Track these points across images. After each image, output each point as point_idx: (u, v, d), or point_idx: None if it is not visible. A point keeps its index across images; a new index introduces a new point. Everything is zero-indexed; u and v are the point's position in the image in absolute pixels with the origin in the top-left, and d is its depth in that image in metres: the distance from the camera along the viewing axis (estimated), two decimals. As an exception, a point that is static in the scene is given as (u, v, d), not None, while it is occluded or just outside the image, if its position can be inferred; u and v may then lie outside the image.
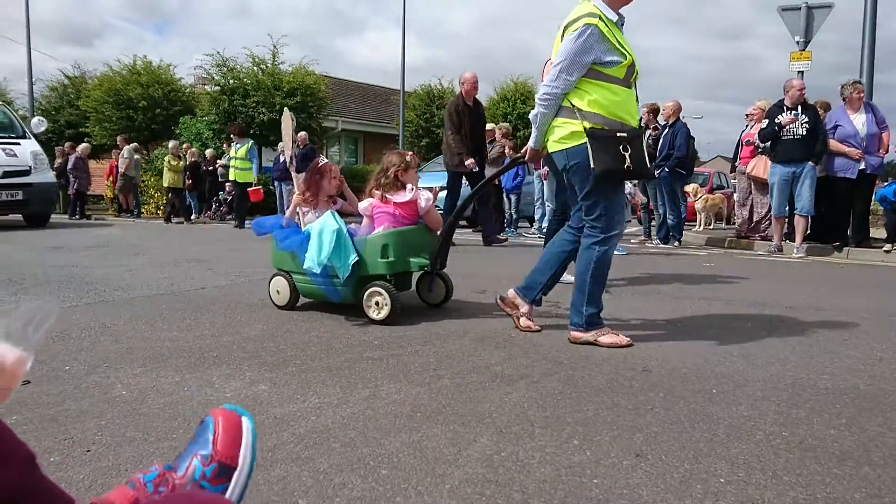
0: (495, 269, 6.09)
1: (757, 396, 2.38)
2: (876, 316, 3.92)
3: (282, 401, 2.30)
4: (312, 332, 3.37)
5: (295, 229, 3.87)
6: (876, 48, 9.73)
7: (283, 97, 16.89)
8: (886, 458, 1.85)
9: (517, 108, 21.77)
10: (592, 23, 2.96)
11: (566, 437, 1.99)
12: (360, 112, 25.88)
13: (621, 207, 3.19)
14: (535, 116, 3.19)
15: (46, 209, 12.04)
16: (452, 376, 2.60)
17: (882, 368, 2.77)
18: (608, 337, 3.08)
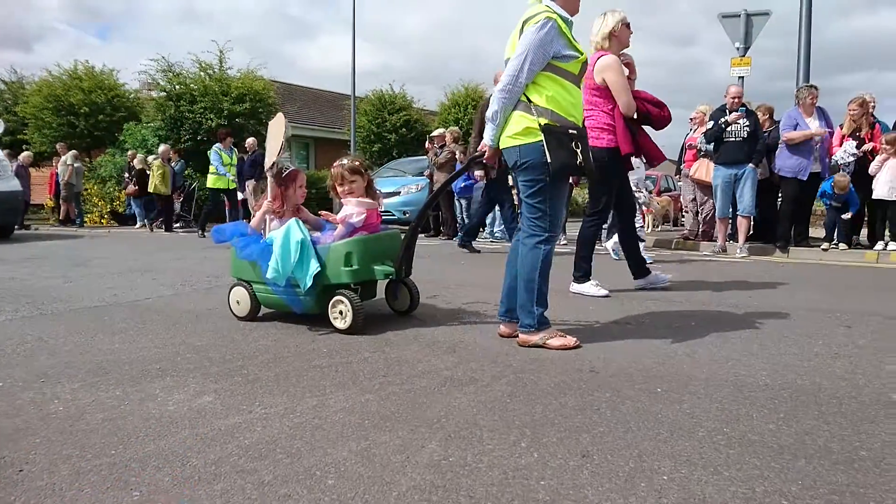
0: (445, 275, 6.10)
1: (700, 394, 2.43)
2: (813, 313, 4.05)
3: (227, 412, 2.26)
4: (260, 342, 3.31)
5: (256, 237, 3.78)
6: (813, 54, 10.12)
7: (232, 103, 16.63)
8: (821, 450, 1.91)
9: (468, 113, 21.89)
10: (552, 17, 3.05)
11: (514, 439, 2.00)
12: (311, 117, 25.67)
13: (564, 208, 3.23)
14: (493, 113, 3.18)
15: (11, 219, 11.14)
16: (402, 382, 2.59)
17: (818, 363, 2.86)
18: (557, 339, 3.11)
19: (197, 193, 15.14)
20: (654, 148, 4.65)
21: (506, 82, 3.09)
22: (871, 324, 3.73)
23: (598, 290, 4.71)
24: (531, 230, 3.18)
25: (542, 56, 3.04)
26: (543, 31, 3.02)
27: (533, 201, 3.16)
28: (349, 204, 3.69)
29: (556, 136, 3.01)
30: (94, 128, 18.48)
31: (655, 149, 4.65)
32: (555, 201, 3.14)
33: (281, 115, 3.96)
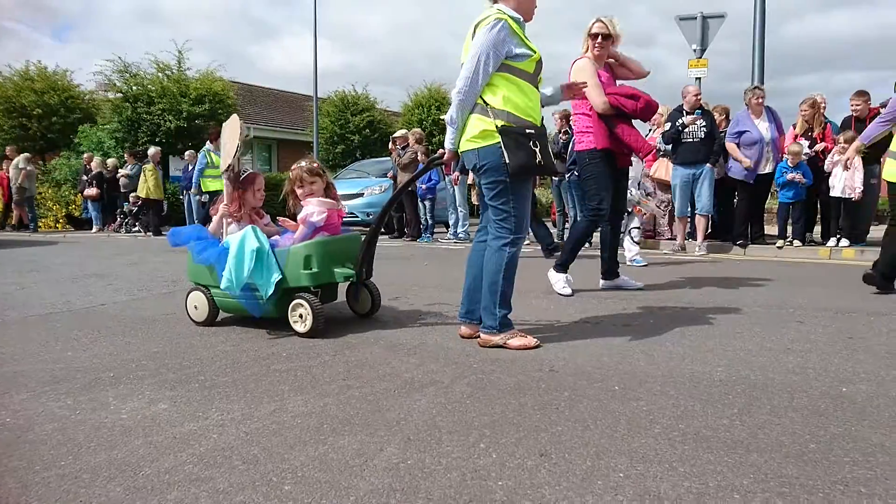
0: (407, 276, 6.09)
1: (656, 391, 2.46)
2: (767, 309, 4.14)
3: (182, 419, 2.22)
4: (218, 347, 3.26)
5: (213, 241, 3.72)
6: (767, 55, 10.36)
7: (191, 104, 16.38)
8: (772, 444, 1.95)
9: (431, 114, 21.90)
10: (503, 17, 3.07)
11: (473, 440, 2.00)
12: (273, 119, 25.40)
13: (528, 209, 3.24)
14: (451, 116, 3.19)
15: None
16: (362, 385, 2.58)
17: (770, 358, 2.93)
18: (517, 339, 3.13)
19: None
20: (637, 140, 4.67)
21: (462, 85, 3.09)
22: (822, 319, 3.82)
23: (565, 288, 4.75)
24: (497, 232, 3.19)
25: (495, 56, 3.05)
26: (495, 30, 3.03)
27: (496, 203, 3.17)
28: (310, 204, 3.65)
29: (513, 137, 3.02)
30: (47, 130, 18.06)
31: (638, 141, 4.68)
32: (519, 202, 3.15)
33: (236, 116, 3.89)
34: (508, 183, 3.10)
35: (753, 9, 10.18)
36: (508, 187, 3.11)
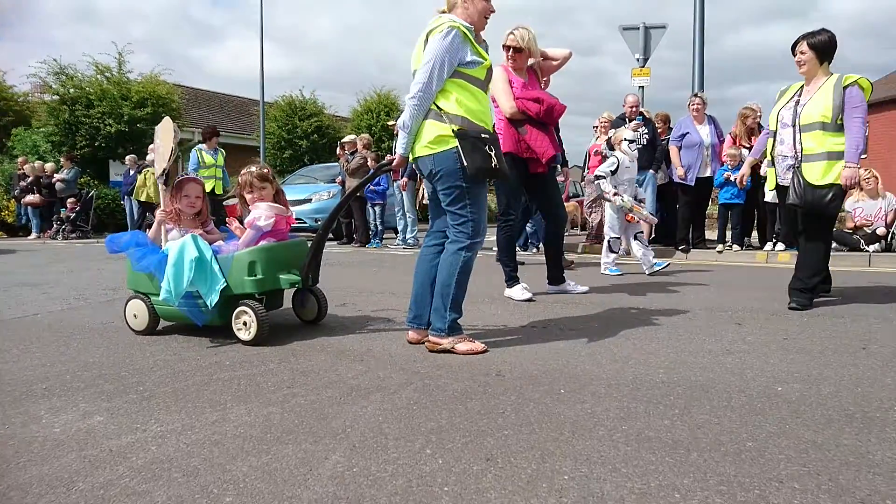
0: (355, 282, 6.05)
1: (601, 394, 2.50)
2: (708, 312, 4.25)
3: (119, 432, 2.14)
4: (158, 356, 3.17)
5: (152, 248, 3.61)
6: (707, 65, 10.67)
7: (132, 108, 15.96)
8: (712, 443, 2.00)
9: (381, 119, 21.86)
10: (456, 26, 3.10)
11: (419, 446, 1.99)
12: (219, 123, 24.83)
13: (485, 214, 3.25)
14: (403, 122, 3.19)
15: None
16: (307, 393, 2.54)
17: (711, 360, 3.00)
18: (465, 344, 3.14)
19: (95, 202, 14.39)
20: (541, 146, 4.71)
21: (415, 91, 3.09)
22: (759, 320, 3.95)
23: (523, 293, 4.79)
24: (454, 237, 3.20)
25: (448, 63, 3.08)
26: (448, 38, 3.06)
27: (454, 209, 3.17)
28: (258, 208, 3.59)
29: (470, 141, 3.04)
30: (-22, 133, 17.32)
31: (542, 145, 4.71)
32: (476, 206, 3.17)
33: (168, 119, 3.80)
34: (465, 188, 3.11)
35: (693, 21, 10.49)
36: (465, 192, 3.12)
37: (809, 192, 4.20)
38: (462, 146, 3.05)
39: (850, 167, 4.10)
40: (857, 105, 4.15)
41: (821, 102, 4.24)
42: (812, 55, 4.32)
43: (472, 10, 3.22)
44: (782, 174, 4.50)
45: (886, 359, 3.00)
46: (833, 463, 1.84)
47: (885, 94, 22.54)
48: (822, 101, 4.23)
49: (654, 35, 11.04)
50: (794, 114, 4.37)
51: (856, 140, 4.11)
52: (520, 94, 4.69)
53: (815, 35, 4.35)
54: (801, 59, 4.38)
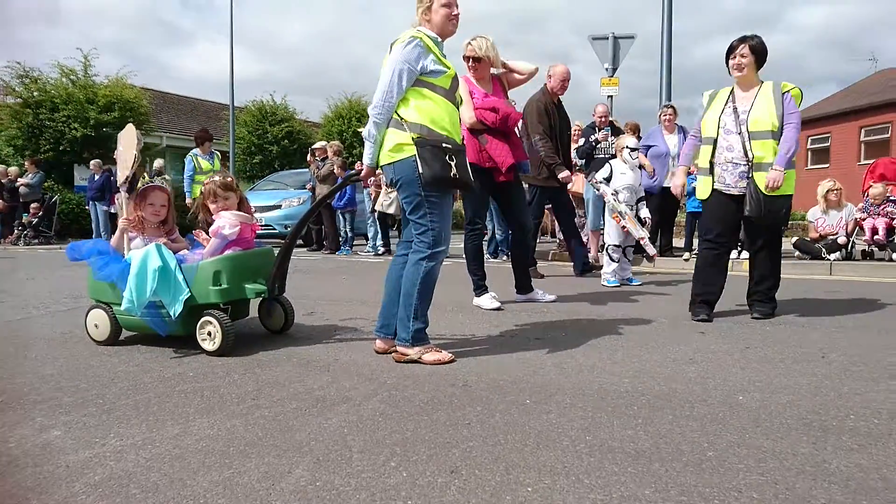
0: (323, 291, 6.01)
1: (566, 404, 2.51)
2: (672, 321, 4.31)
3: (77, 446, 2.10)
4: (120, 368, 3.12)
5: (115, 256, 3.54)
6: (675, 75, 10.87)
7: (99, 111, 15.71)
8: (673, 453, 2.03)
9: (352, 125, 21.80)
10: (418, 36, 3.13)
11: (384, 459, 1.99)
12: (188, 127, 24.60)
13: (449, 223, 3.25)
14: (368, 132, 3.21)
15: None
16: (271, 405, 2.52)
17: (674, 369, 3.04)
18: (432, 354, 3.13)
19: (59, 207, 14.11)
20: (500, 153, 4.75)
21: (377, 100, 3.11)
22: (721, 329, 4.01)
23: (492, 302, 4.80)
24: (416, 246, 3.20)
25: (409, 73, 3.09)
26: (409, 47, 3.09)
27: (414, 217, 3.18)
28: (222, 217, 3.56)
29: (428, 149, 3.05)
30: (-64, 136, 16.88)
31: (501, 154, 4.75)
32: (437, 216, 3.16)
33: (131, 126, 3.76)
34: (424, 196, 3.11)
35: (661, 31, 10.66)
36: (424, 200, 3.12)
37: (768, 203, 4.21)
38: (420, 154, 3.05)
39: (777, 170, 4.12)
40: (794, 112, 4.20)
41: (767, 110, 4.21)
42: (752, 59, 4.27)
43: (434, 18, 3.25)
44: (733, 182, 4.33)
45: (844, 367, 3.07)
46: (790, 472, 1.88)
47: (847, 105, 23.08)
48: (768, 108, 4.21)
49: (623, 45, 11.18)
50: (736, 120, 4.30)
51: (789, 145, 4.15)
52: (479, 104, 4.72)
53: (755, 38, 4.31)
54: (741, 62, 4.28)
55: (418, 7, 3.29)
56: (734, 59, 4.33)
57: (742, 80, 4.36)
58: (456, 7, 3.28)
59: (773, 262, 4.50)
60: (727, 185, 4.35)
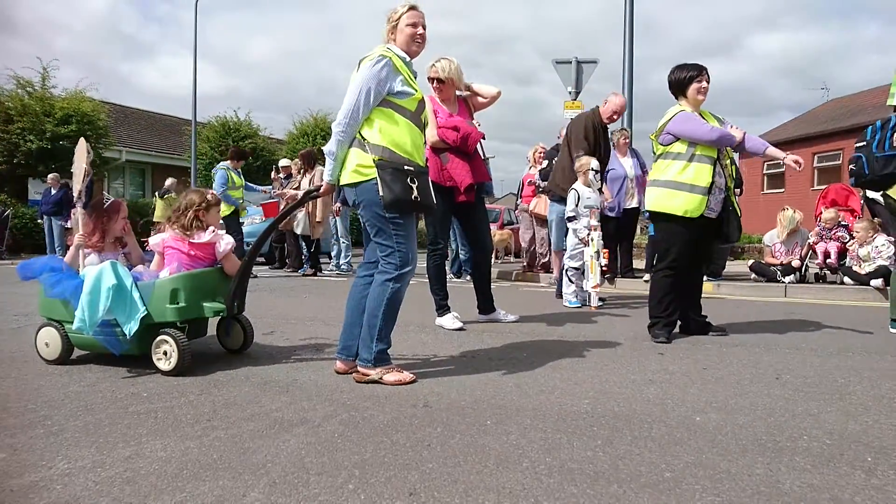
0: (285, 309, 5.94)
1: (527, 425, 2.51)
2: (632, 342, 4.35)
3: (22, 469, 2.02)
4: (71, 387, 3.02)
5: (68, 273, 3.45)
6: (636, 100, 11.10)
7: (56, 124, 15.38)
8: (632, 474, 2.04)
9: (317, 142, 21.70)
10: (387, 55, 3.12)
11: (342, 481, 1.96)
12: (148, 142, 24.25)
13: (414, 242, 3.24)
14: (330, 149, 3.18)
15: None
16: (228, 426, 2.47)
17: (634, 390, 3.07)
18: (393, 374, 3.11)
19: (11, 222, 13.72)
20: (460, 173, 4.78)
21: (341, 118, 3.10)
22: (680, 350, 4.06)
23: (454, 322, 4.79)
24: (382, 267, 3.18)
25: (375, 92, 3.08)
26: (378, 66, 3.08)
27: (378, 239, 3.16)
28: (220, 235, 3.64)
29: (389, 172, 3.03)
30: None
31: (461, 174, 4.78)
32: (402, 238, 3.14)
33: (82, 141, 3.71)
34: (387, 218, 3.10)
35: (622, 58, 10.90)
36: (388, 222, 3.11)
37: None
38: (381, 176, 3.03)
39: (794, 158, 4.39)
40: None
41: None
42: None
43: (399, 38, 3.25)
44: (715, 206, 4.38)
45: (797, 388, 3.13)
46: (746, 492, 1.90)
47: (801, 132, 23.81)
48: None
49: (586, 69, 11.38)
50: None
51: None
52: (441, 122, 4.75)
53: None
54: (707, 88, 4.43)
55: (385, 25, 3.30)
56: (701, 82, 4.41)
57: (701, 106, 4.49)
58: (422, 27, 3.29)
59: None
60: (711, 209, 4.39)
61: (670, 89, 4.59)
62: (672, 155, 4.41)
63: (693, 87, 4.41)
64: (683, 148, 4.36)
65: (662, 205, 4.42)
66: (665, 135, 4.44)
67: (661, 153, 4.49)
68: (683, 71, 4.47)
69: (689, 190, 4.32)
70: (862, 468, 2.09)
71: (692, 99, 4.44)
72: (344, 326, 3.31)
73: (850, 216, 8.61)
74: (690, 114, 4.39)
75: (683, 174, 4.35)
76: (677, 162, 4.38)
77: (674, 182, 4.37)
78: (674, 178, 4.38)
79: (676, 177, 4.37)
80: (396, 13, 3.26)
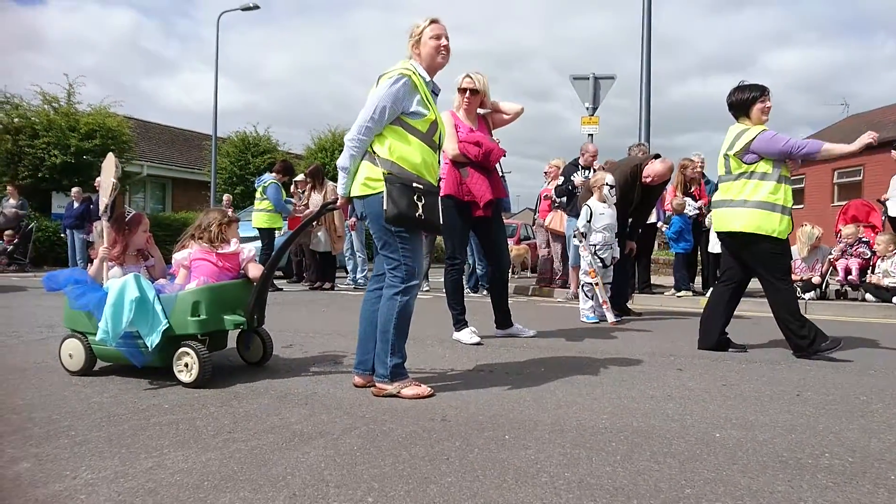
0: (303, 323, 5.97)
1: (545, 440, 2.51)
2: (651, 357, 4.33)
3: (47, 479, 2.05)
4: (93, 399, 3.06)
5: (93, 285, 3.51)
6: (653, 115, 11.09)
7: (80, 139, 15.62)
8: (651, 490, 2.03)
9: (335, 158, 21.83)
10: (407, 74, 3.13)
11: (361, 495, 1.97)
12: (169, 157, 24.57)
13: (421, 255, 3.26)
14: (343, 164, 3.20)
15: None
16: (248, 438, 2.49)
17: (653, 405, 3.05)
18: (411, 388, 3.11)
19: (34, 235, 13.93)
20: (480, 188, 4.80)
21: (354, 133, 3.12)
22: (699, 366, 4.04)
23: (472, 337, 4.79)
24: (389, 281, 3.19)
25: (389, 111, 3.09)
26: (396, 85, 3.09)
27: (385, 252, 3.18)
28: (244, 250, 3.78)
29: (397, 187, 3.04)
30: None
31: (481, 189, 4.80)
32: (408, 252, 3.15)
33: (110, 155, 3.79)
34: (393, 231, 3.11)
35: (640, 73, 10.90)
36: (394, 236, 3.12)
37: None
38: (388, 190, 3.04)
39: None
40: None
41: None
42: None
43: (424, 51, 3.27)
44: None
45: (819, 405, 3.10)
46: (766, 510, 1.89)
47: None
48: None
49: (604, 85, 11.39)
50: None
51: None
52: (463, 137, 4.78)
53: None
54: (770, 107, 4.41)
55: (408, 41, 3.31)
56: (765, 102, 4.39)
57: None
58: (445, 38, 3.29)
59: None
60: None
61: (731, 110, 4.55)
62: (758, 175, 4.34)
63: (757, 108, 4.39)
64: (769, 168, 4.31)
65: (759, 226, 4.33)
66: (749, 154, 4.33)
67: (743, 172, 4.39)
68: (746, 92, 4.44)
69: (782, 211, 4.31)
70: (885, 486, 2.07)
71: (756, 119, 4.40)
72: (359, 341, 3.33)
73: (870, 232, 8.52)
74: (773, 132, 4.33)
75: (777, 194, 4.32)
76: (766, 182, 4.32)
77: (769, 203, 4.31)
78: (767, 199, 4.32)
79: (769, 197, 4.31)
80: (419, 27, 3.28)
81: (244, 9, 20.83)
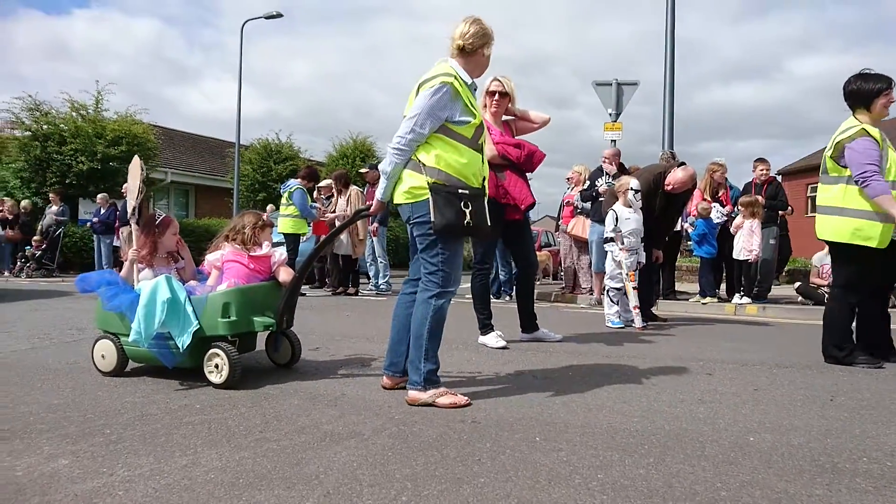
0: (328, 327, 6.00)
1: (576, 442, 2.50)
2: (680, 361, 4.29)
3: (84, 476, 2.08)
4: (127, 398, 3.10)
5: (125, 287, 3.56)
6: (676, 122, 11.01)
7: (107, 146, 15.85)
8: (686, 492, 2.01)
9: (357, 164, 21.95)
10: (448, 81, 3.09)
11: (394, 494, 1.97)
12: (192, 164, 24.86)
13: (460, 263, 3.23)
14: (384, 168, 3.20)
15: None
16: (279, 438, 2.50)
17: (684, 409, 3.03)
18: (447, 398, 3.04)
19: (62, 240, 14.15)
20: (521, 191, 4.80)
21: (397, 142, 3.09)
22: (729, 371, 3.99)
23: (498, 341, 4.79)
24: (425, 284, 3.18)
25: (432, 119, 3.06)
26: (437, 96, 3.05)
27: (426, 256, 3.17)
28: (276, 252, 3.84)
29: (443, 196, 3.03)
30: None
31: (522, 192, 4.80)
32: (449, 258, 3.14)
33: (136, 158, 3.84)
34: (437, 238, 3.12)
35: (663, 79, 10.84)
36: (437, 242, 3.12)
37: None
38: (434, 200, 3.03)
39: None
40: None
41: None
42: None
43: (474, 61, 3.26)
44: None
45: (853, 410, 3.05)
46: (806, 513, 1.86)
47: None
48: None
49: (627, 91, 11.34)
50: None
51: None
52: (499, 139, 4.78)
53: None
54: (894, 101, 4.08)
55: (451, 43, 3.24)
56: (889, 96, 4.07)
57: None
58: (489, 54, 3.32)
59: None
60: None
61: (848, 99, 4.21)
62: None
63: (880, 101, 4.07)
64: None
65: (865, 236, 4.08)
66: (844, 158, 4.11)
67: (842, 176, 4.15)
68: (870, 82, 4.10)
69: (883, 220, 4.03)
70: (927, 491, 2.03)
71: (876, 113, 4.10)
72: (390, 343, 3.33)
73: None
74: (872, 143, 4.02)
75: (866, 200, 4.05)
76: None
77: (870, 212, 4.05)
78: (870, 208, 4.05)
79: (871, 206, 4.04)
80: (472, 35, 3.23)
81: (267, 17, 21.05)
